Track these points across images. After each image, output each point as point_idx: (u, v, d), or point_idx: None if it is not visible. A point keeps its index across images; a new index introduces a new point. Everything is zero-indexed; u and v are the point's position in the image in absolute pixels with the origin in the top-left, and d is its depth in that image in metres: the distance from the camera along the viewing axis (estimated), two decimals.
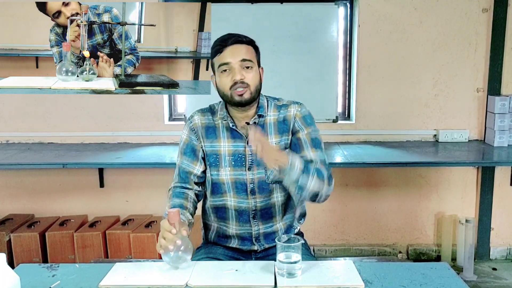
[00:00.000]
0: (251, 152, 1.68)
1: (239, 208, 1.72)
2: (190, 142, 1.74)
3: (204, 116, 1.75)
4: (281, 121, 1.72)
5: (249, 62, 1.63)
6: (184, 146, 1.74)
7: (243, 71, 1.62)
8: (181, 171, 1.73)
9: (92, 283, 1.39)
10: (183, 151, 1.74)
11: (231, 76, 1.62)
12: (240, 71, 1.61)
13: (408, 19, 3.25)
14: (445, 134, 3.33)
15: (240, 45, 1.64)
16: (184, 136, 1.76)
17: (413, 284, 1.37)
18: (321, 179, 1.58)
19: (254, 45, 1.69)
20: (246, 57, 1.62)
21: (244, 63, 1.62)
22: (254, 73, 1.64)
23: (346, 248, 3.47)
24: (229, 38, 1.64)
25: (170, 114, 3.49)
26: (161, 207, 3.45)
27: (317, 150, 1.68)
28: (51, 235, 3.11)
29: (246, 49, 1.64)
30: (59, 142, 3.41)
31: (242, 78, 1.61)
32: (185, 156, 1.73)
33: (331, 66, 3.35)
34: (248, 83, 1.62)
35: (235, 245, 1.77)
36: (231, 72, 1.62)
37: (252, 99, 1.65)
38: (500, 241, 3.44)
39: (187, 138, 1.75)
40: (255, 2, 3.26)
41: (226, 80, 1.63)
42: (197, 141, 1.73)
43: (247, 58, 1.62)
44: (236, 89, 1.61)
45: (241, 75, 1.61)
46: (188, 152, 1.73)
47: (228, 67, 1.62)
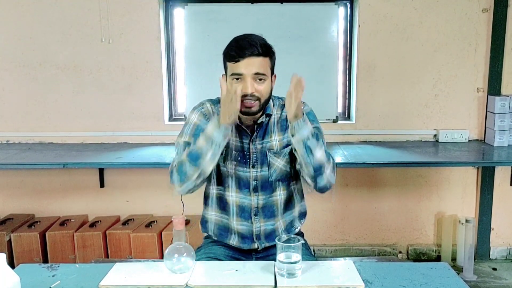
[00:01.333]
0: (255, 150, 1.70)
1: (241, 204, 1.73)
2: (200, 126, 1.65)
3: (215, 106, 1.73)
4: (284, 119, 1.73)
5: (263, 76, 1.61)
6: (194, 128, 1.66)
7: (255, 83, 1.60)
8: (188, 145, 1.62)
9: (92, 283, 1.39)
10: (193, 133, 1.65)
11: (243, 87, 1.58)
12: (252, 84, 1.59)
13: (408, 19, 3.25)
14: (445, 134, 3.33)
15: (256, 57, 1.59)
16: (194, 119, 1.69)
17: (413, 284, 1.37)
18: (327, 156, 1.62)
19: (270, 54, 1.66)
20: (260, 71, 1.60)
21: (258, 76, 1.60)
22: (266, 85, 1.63)
23: (346, 248, 3.47)
24: (246, 48, 1.58)
25: (170, 114, 3.49)
26: (161, 207, 3.50)
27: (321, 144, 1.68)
28: (52, 235, 3.11)
29: (262, 61, 1.61)
30: (60, 142, 3.41)
31: (253, 92, 1.59)
32: (194, 138, 1.62)
33: (331, 66, 3.35)
34: (259, 96, 1.61)
35: (236, 242, 1.77)
36: (242, 82, 1.59)
37: (259, 111, 1.65)
38: (500, 241, 3.44)
39: (197, 121, 1.68)
40: (255, 2, 3.26)
41: (236, 89, 1.57)
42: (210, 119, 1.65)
43: (261, 72, 1.60)
44: (245, 100, 1.59)
45: (252, 88, 1.59)
46: (198, 134, 1.60)
47: (240, 77, 1.60)
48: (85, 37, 3.29)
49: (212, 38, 3.24)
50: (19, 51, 3.31)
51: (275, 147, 1.72)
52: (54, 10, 3.26)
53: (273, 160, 1.72)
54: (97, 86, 3.35)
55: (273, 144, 1.72)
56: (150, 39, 3.29)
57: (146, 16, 3.26)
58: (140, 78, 3.33)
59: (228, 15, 3.23)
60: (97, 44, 3.28)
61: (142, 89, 3.34)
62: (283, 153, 1.72)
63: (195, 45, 3.28)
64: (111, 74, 3.33)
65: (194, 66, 3.29)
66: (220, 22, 3.21)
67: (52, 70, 3.33)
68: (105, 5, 3.23)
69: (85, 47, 3.30)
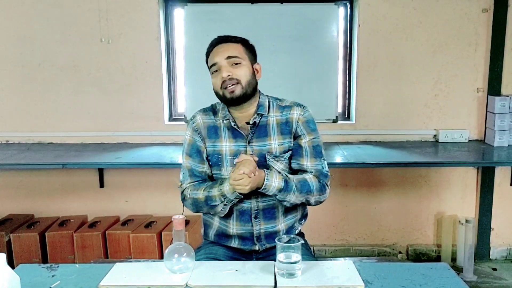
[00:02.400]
0: (252, 151, 1.69)
1: (241, 208, 1.72)
2: (194, 143, 1.74)
3: (206, 115, 1.76)
4: (283, 123, 1.72)
5: (236, 59, 1.66)
6: (190, 148, 1.75)
7: (231, 68, 1.65)
8: (193, 171, 1.74)
9: (92, 283, 1.39)
10: (189, 153, 1.75)
11: (220, 75, 1.65)
12: (227, 68, 1.64)
13: (408, 19, 3.25)
14: (445, 134, 3.33)
15: (226, 44, 1.68)
16: (188, 137, 1.76)
17: (413, 284, 1.37)
18: (306, 193, 1.67)
19: (244, 43, 1.72)
20: (232, 54, 1.65)
21: (231, 60, 1.65)
22: (244, 69, 1.66)
23: (346, 248, 3.47)
24: (216, 39, 1.71)
25: (170, 114, 3.49)
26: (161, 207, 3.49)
27: (316, 159, 1.71)
28: (51, 235, 3.11)
29: (232, 47, 1.68)
30: (59, 142, 3.41)
31: (230, 74, 1.63)
32: (191, 158, 1.74)
33: (331, 66, 3.35)
34: (238, 78, 1.64)
35: (236, 245, 1.76)
36: (220, 71, 1.65)
37: (245, 94, 1.66)
38: (500, 241, 3.44)
39: (191, 139, 1.75)
40: (255, 2, 3.26)
41: (216, 80, 1.67)
42: (201, 141, 1.74)
43: (232, 55, 1.65)
44: (226, 86, 1.64)
45: (227, 71, 1.64)
46: (194, 154, 1.73)
47: (217, 67, 1.67)
48: (84, 37, 3.28)
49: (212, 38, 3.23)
50: (18, 51, 3.31)
51: (274, 150, 1.71)
52: (54, 10, 3.26)
53: (272, 164, 1.70)
54: (96, 86, 3.34)
55: (273, 147, 1.71)
56: (149, 39, 3.29)
57: (145, 16, 3.26)
58: (140, 78, 3.33)
59: (228, 15, 3.22)
60: (96, 44, 3.28)
61: (141, 89, 3.34)
62: (283, 158, 1.72)
63: (195, 45, 3.27)
64: (110, 74, 3.33)
65: (194, 66, 3.29)
66: (220, 22, 3.20)
67: (52, 70, 3.33)
68: (104, 5, 3.23)
69: (84, 47, 3.29)
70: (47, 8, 3.25)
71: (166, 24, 3.38)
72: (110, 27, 3.26)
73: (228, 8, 3.24)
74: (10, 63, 3.32)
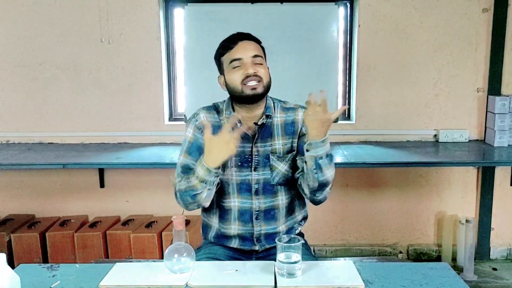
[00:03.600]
0: (257, 152, 1.69)
1: (242, 208, 1.72)
2: (196, 141, 1.68)
3: (209, 114, 1.72)
4: (289, 123, 1.72)
5: (260, 59, 1.65)
6: (189, 145, 1.68)
7: (255, 66, 1.63)
8: (185, 168, 1.65)
9: (92, 283, 1.39)
10: (188, 150, 1.68)
11: (243, 71, 1.62)
12: (253, 66, 1.63)
13: (408, 19, 3.25)
14: (445, 134, 3.33)
15: (250, 41, 1.66)
16: (189, 135, 1.70)
17: (413, 284, 1.37)
18: (332, 176, 1.64)
19: (260, 42, 1.72)
20: (258, 53, 1.65)
21: (256, 59, 1.64)
22: (265, 69, 1.67)
23: (346, 248, 3.47)
24: (237, 36, 1.67)
25: (170, 114, 3.49)
26: (162, 207, 3.49)
27: None
28: (52, 235, 3.11)
29: (256, 46, 1.67)
30: (59, 142, 3.41)
31: (255, 72, 1.62)
32: (190, 155, 1.67)
33: (331, 66, 3.35)
34: (261, 76, 1.63)
35: (236, 245, 1.76)
36: (242, 67, 1.62)
37: (264, 94, 1.66)
38: (500, 241, 3.44)
39: (192, 136, 1.69)
40: (255, 2, 3.26)
41: (237, 75, 1.63)
42: (203, 140, 1.65)
43: (258, 54, 1.65)
44: (249, 82, 1.61)
45: (254, 69, 1.62)
46: (194, 152, 1.66)
47: (240, 63, 1.63)
48: (84, 37, 3.28)
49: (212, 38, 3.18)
50: (18, 51, 3.31)
51: (278, 150, 1.71)
52: (54, 10, 3.26)
53: (276, 164, 1.70)
54: (97, 86, 3.34)
55: (277, 147, 1.71)
56: (150, 39, 3.29)
57: (146, 16, 3.26)
58: (140, 78, 3.33)
59: (228, 15, 3.22)
60: (96, 44, 3.28)
61: (142, 89, 3.34)
62: (287, 158, 1.72)
63: (195, 45, 3.27)
64: (111, 74, 3.33)
65: (194, 66, 3.29)
66: (220, 22, 3.20)
67: (52, 70, 3.33)
68: (104, 5, 3.23)
69: (84, 47, 3.29)
70: (47, 8, 3.25)
71: (166, 24, 3.38)
72: (110, 27, 3.26)
73: (228, 8, 3.24)
74: (10, 63, 3.32)
